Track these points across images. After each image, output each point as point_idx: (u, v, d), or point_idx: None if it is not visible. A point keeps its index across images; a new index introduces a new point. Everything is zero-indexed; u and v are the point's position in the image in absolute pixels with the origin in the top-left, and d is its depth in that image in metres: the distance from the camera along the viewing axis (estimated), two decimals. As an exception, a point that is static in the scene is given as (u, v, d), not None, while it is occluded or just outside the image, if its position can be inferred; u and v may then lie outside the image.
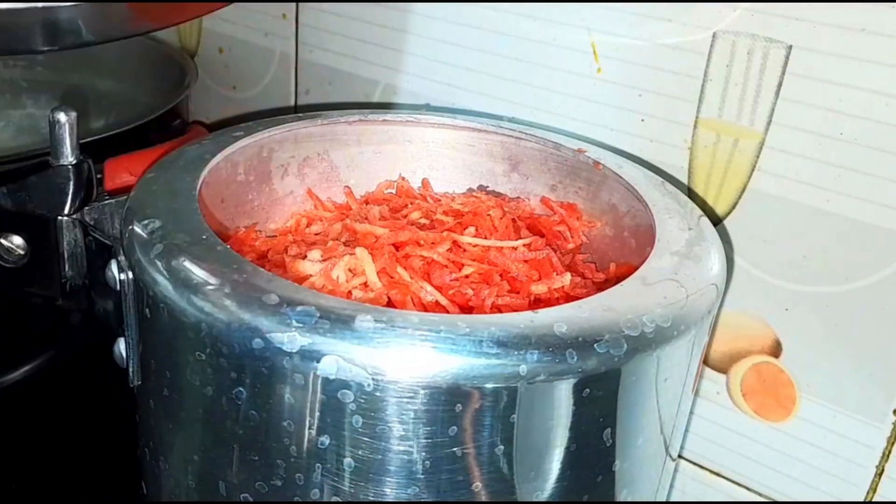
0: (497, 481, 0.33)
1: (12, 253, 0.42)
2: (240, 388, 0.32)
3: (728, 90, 0.47)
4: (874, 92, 0.43)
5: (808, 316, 0.48)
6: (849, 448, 0.49)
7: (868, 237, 0.45)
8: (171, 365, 0.35)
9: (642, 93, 0.50)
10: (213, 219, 0.43)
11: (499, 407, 0.31)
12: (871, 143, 0.44)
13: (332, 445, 0.32)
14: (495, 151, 0.50)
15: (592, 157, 0.47)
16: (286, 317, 0.31)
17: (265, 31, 0.66)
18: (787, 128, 0.46)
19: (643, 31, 0.49)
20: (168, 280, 0.34)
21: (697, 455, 0.55)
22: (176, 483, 0.38)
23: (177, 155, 0.43)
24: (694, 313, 0.35)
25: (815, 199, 0.46)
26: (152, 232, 0.36)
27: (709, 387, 0.53)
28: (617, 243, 0.46)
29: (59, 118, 0.40)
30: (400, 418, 0.31)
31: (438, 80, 0.58)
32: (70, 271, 0.42)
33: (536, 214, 0.48)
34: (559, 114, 0.53)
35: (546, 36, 0.52)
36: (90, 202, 0.41)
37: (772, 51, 0.45)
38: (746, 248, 0.49)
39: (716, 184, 0.49)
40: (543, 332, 0.31)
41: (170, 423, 0.37)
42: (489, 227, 0.44)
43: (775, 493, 0.52)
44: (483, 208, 0.45)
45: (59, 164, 0.40)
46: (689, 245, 0.39)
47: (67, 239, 0.41)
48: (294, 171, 0.49)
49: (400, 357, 0.30)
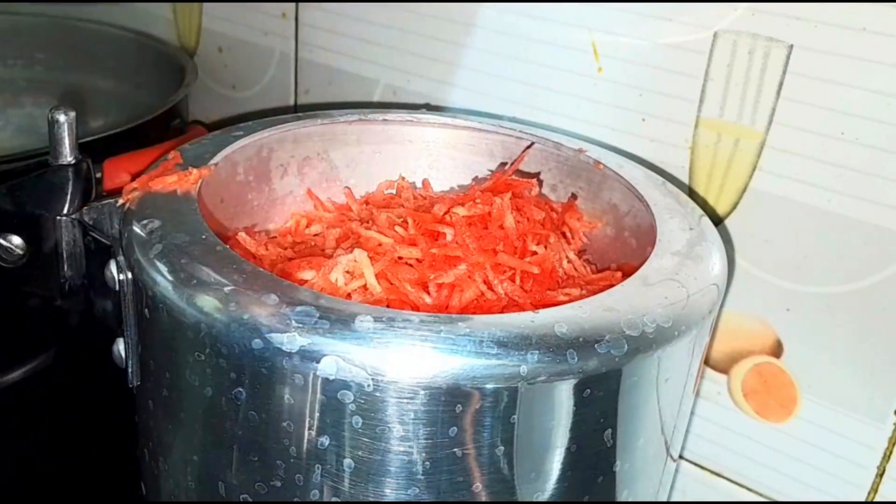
0: (497, 482, 0.33)
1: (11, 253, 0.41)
2: (239, 389, 0.32)
3: (729, 90, 0.47)
4: (875, 92, 0.43)
5: (809, 316, 0.48)
6: (850, 448, 0.49)
7: (869, 237, 0.45)
8: (170, 365, 0.35)
9: (643, 92, 0.50)
10: (212, 219, 0.43)
11: (499, 407, 0.31)
12: (873, 142, 0.43)
13: (331, 446, 0.32)
14: (495, 151, 0.50)
15: (593, 157, 0.47)
16: (286, 317, 0.31)
17: (265, 31, 0.66)
18: (789, 127, 0.46)
19: (644, 30, 0.48)
20: (167, 280, 0.33)
21: (698, 455, 0.55)
22: (175, 484, 0.38)
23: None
24: (695, 313, 0.35)
25: (816, 199, 0.46)
26: (151, 232, 0.36)
27: (710, 387, 0.53)
28: (618, 243, 0.46)
29: (58, 118, 0.40)
30: (400, 419, 0.31)
31: (438, 79, 0.57)
32: (69, 271, 0.42)
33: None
34: (559, 113, 0.53)
35: (546, 35, 0.52)
36: (89, 202, 0.41)
37: (773, 50, 0.45)
38: (747, 248, 0.49)
39: (717, 183, 0.49)
40: (544, 332, 0.31)
41: (169, 424, 0.37)
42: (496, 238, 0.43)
43: (776, 493, 0.52)
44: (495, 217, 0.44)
45: (58, 163, 0.40)
46: (690, 245, 0.39)
47: (66, 239, 0.41)
48: (294, 171, 0.49)
49: (400, 357, 0.30)
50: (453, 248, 0.41)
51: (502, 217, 0.43)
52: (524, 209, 0.45)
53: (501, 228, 0.43)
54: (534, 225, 0.44)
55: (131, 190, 0.39)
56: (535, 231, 0.44)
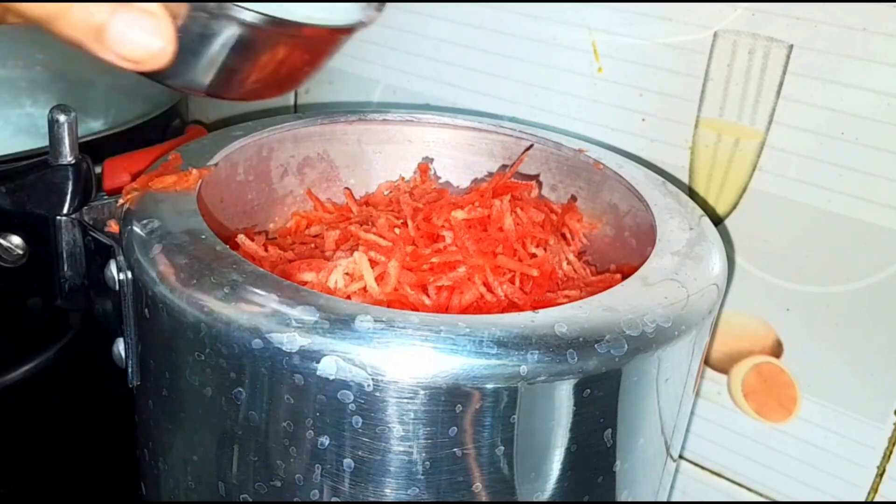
0: (497, 482, 0.33)
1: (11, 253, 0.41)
2: (239, 389, 0.32)
3: (729, 89, 0.47)
4: (875, 91, 0.43)
5: (809, 316, 0.48)
6: (850, 448, 0.49)
7: (869, 237, 0.45)
8: (170, 365, 0.35)
9: (643, 92, 0.50)
10: (212, 219, 0.43)
11: (499, 407, 0.31)
12: (873, 142, 0.43)
13: (331, 446, 0.32)
14: (495, 151, 0.50)
15: (593, 157, 0.47)
16: (286, 317, 0.31)
17: (265, 31, 0.66)
18: (789, 127, 0.46)
19: (644, 30, 0.48)
20: (167, 280, 0.33)
21: (698, 455, 0.55)
22: (175, 483, 0.38)
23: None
24: (695, 313, 0.35)
25: (816, 199, 0.46)
26: (151, 231, 0.36)
27: (710, 387, 0.53)
28: (617, 243, 0.46)
29: (57, 118, 0.40)
30: (400, 419, 0.31)
31: (438, 79, 0.57)
32: (69, 271, 0.42)
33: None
34: (559, 113, 0.53)
35: (546, 35, 0.52)
36: (89, 202, 0.41)
37: (773, 50, 0.45)
38: (747, 247, 0.49)
39: (717, 183, 0.49)
40: (544, 332, 0.31)
41: (169, 424, 0.37)
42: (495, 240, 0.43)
43: (776, 493, 0.52)
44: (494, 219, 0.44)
45: (58, 163, 0.40)
46: (690, 245, 0.39)
47: (66, 239, 0.41)
48: (294, 171, 0.49)
49: (400, 357, 0.30)
50: (453, 251, 0.41)
51: (501, 219, 0.43)
52: (524, 211, 0.45)
53: (501, 231, 0.43)
54: (533, 227, 0.44)
55: (131, 190, 0.39)
56: (535, 233, 0.44)
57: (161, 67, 0.30)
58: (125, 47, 0.29)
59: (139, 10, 0.29)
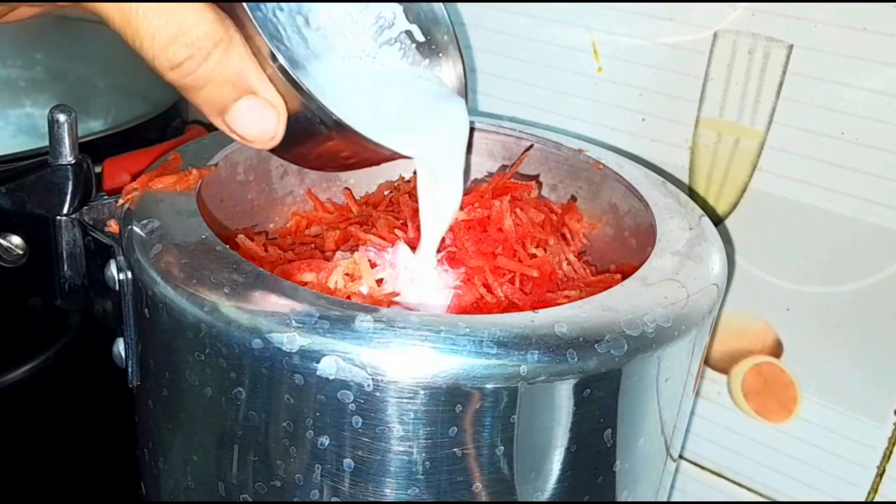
0: (497, 482, 0.33)
1: (11, 253, 0.41)
2: (239, 389, 0.32)
3: (729, 89, 0.47)
4: (875, 91, 0.43)
5: (809, 316, 0.48)
6: (850, 448, 0.49)
7: (869, 237, 0.45)
8: (170, 365, 0.35)
9: (643, 92, 0.50)
10: (212, 219, 0.43)
11: (499, 407, 0.31)
12: (872, 142, 0.43)
13: (331, 446, 0.32)
14: (495, 152, 0.50)
15: (593, 157, 0.47)
16: (286, 317, 0.31)
17: (265, 31, 0.66)
18: (789, 127, 0.46)
19: (644, 30, 0.48)
20: (167, 280, 0.33)
21: (698, 455, 0.55)
22: (175, 483, 0.38)
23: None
24: (695, 313, 0.35)
25: (816, 199, 0.46)
26: (151, 232, 0.36)
27: (710, 387, 0.53)
28: (617, 243, 0.46)
29: (57, 118, 0.40)
30: (400, 419, 0.31)
31: (438, 79, 0.57)
32: (69, 271, 0.42)
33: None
34: (559, 113, 0.53)
35: (546, 35, 0.52)
36: (89, 202, 0.41)
37: (773, 50, 0.45)
38: (747, 247, 0.49)
39: (717, 183, 0.49)
40: (544, 332, 0.31)
41: (169, 424, 0.37)
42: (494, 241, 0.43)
43: (776, 493, 0.52)
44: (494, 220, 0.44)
45: (58, 163, 0.40)
46: (690, 245, 0.39)
47: (66, 239, 0.41)
48: (294, 171, 0.49)
49: (400, 357, 0.30)
50: (452, 252, 0.41)
51: (501, 220, 0.43)
52: (523, 211, 0.45)
53: (500, 231, 0.43)
54: (533, 227, 0.44)
55: (131, 190, 0.39)
56: (535, 233, 0.44)
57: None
58: (242, 128, 0.33)
59: (263, 100, 0.33)
